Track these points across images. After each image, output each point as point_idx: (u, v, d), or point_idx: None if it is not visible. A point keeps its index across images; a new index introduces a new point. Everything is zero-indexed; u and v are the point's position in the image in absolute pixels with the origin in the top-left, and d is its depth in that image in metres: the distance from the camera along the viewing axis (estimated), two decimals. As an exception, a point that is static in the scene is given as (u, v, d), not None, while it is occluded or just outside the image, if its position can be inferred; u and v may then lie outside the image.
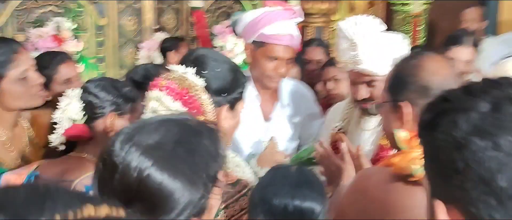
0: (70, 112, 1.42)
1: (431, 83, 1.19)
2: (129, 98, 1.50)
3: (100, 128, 1.45)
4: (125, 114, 1.48)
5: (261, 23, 1.96)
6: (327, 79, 2.57)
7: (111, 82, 1.51)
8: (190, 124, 0.88)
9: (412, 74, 1.22)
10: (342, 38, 1.71)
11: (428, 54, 1.28)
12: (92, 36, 3.29)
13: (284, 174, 1.23)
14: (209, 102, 1.26)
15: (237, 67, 1.35)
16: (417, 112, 1.19)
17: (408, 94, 1.21)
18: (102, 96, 1.45)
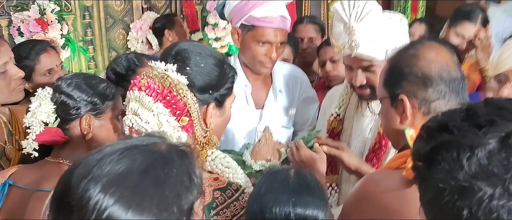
0: (41, 114, 1.31)
1: (430, 72, 1.11)
2: (106, 97, 1.38)
3: (75, 130, 1.34)
4: (102, 114, 1.37)
5: (249, 5, 1.82)
6: (324, 61, 2.45)
7: (85, 79, 1.38)
8: (158, 149, 0.77)
9: (409, 65, 1.13)
10: (338, 20, 1.59)
11: (423, 42, 1.19)
12: (78, 18, 3.14)
13: (282, 180, 1.13)
14: (194, 101, 1.15)
15: (223, 60, 1.22)
16: (417, 105, 1.12)
17: (407, 86, 1.12)
18: (76, 96, 1.34)
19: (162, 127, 1.14)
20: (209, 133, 1.20)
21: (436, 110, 1.10)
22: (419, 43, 1.18)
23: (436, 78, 1.10)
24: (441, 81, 1.10)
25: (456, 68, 1.13)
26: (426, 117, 1.10)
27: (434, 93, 1.10)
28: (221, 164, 1.29)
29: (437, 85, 1.09)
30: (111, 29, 3.29)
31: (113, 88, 1.42)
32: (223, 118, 1.25)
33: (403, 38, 1.59)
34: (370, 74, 1.62)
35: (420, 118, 1.11)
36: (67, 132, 1.34)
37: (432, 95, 1.10)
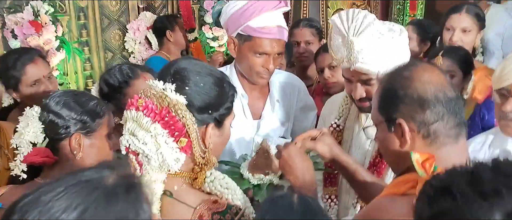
0: (29, 135, 1.28)
1: (426, 94, 1.08)
2: (97, 114, 1.35)
3: (65, 150, 1.31)
4: (93, 132, 1.34)
5: (246, 14, 1.78)
6: (322, 67, 2.41)
7: (75, 97, 1.35)
8: (103, 185, 0.73)
9: (404, 87, 1.10)
10: (336, 33, 1.55)
11: (415, 64, 1.16)
12: (73, 19, 3.09)
13: (286, 207, 1.09)
14: (192, 122, 1.12)
15: (223, 78, 1.19)
16: (416, 128, 1.09)
17: (404, 109, 1.09)
18: (65, 115, 1.30)
19: (160, 148, 1.11)
20: (208, 154, 1.17)
21: (436, 132, 1.08)
22: (411, 65, 1.15)
23: (432, 100, 1.08)
24: (438, 102, 1.08)
25: (451, 89, 1.11)
26: (426, 140, 1.08)
27: (432, 116, 1.07)
28: (220, 185, 1.26)
29: (434, 107, 1.07)
30: (107, 30, 3.24)
31: (104, 105, 1.39)
32: (222, 138, 1.22)
33: (403, 51, 1.56)
34: (370, 88, 1.59)
35: (420, 141, 1.09)
36: (57, 152, 1.31)
37: (430, 118, 1.08)
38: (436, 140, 1.08)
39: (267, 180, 1.65)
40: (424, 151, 1.07)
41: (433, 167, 1.01)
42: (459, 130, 1.10)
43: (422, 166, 1.02)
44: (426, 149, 1.08)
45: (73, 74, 3.15)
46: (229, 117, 1.20)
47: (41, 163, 1.30)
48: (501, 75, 1.57)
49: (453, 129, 1.08)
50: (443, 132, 1.08)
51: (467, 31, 2.52)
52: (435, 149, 1.08)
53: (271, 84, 1.99)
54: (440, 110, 1.07)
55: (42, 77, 1.99)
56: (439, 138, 1.08)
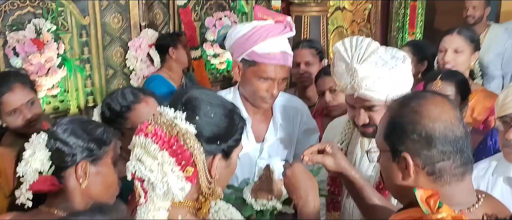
0: (35, 162, 1.26)
1: (435, 132, 1.05)
2: (103, 142, 1.34)
3: (71, 178, 1.30)
4: (99, 160, 1.33)
5: (251, 40, 1.78)
6: (323, 90, 2.42)
7: (81, 124, 1.34)
8: None
9: (412, 122, 1.08)
10: (339, 60, 1.56)
11: (426, 97, 1.12)
12: (74, 37, 3.10)
13: None
14: (200, 152, 1.12)
15: (233, 110, 1.19)
16: (421, 164, 1.07)
17: (410, 144, 1.07)
18: (72, 143, 1.29)
19: (165, 176, 1.11)
20: (213, 184, 1.17)
21: (441, 171, 1.06)
22: (422, 98, 1.12)
23: (440, 139, 1.05)
24: (446, 142, 1.05)
25: (460, 126, 1.08)
26: (430, 177, 1.07)
27: (439, 155, 1.05)
28: (225, 215, 1.26)
29: (442, 146, 1.05)
30: (109, 47, 3.24)
31: (111, 132, 1.39)
32: (229, 169, 1.21)
33: (407, 78, 1.56)
34: (373, 114, 1.60)
35: (424, 177, 1.07)
36: (62, 179, 1.30)
37: (436, 156, 1.06)
38: (441, 178, 1.06)
39: (270, 206, 1.65)
40: (428, 187, 1.05)
41: (437, 204, 1.00)
42: (465, 168, 1.08)
43: (426, 202, 1.00)
44: (430, 185, 1.06)
45: (74, 92, 3.15)
46: (237, 149, 1.20)
47: (47, 191, 1.29)
48: (503, 103, 1.57)
49: (459, 168, 1.06)
50: (448, 171, 1.06)
51: (459, 52, 2.58)
52: (439, 186, 1.06)
53: (274, 107, 1.99)
54: (448, 148, 1.05)
55: (20, 105, 1.95)
56: (445, 176, 1.06)
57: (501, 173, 1.66)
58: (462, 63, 2.57)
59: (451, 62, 2.55)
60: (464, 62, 2.58)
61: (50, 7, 2.96)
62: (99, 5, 3.14)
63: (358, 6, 4.44)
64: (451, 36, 2.61)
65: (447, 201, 1.02)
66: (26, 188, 1.25)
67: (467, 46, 2.59)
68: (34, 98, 2.04)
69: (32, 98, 2.02)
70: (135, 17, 3.30)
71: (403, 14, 4.48)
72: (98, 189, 1.33)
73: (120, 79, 3.33)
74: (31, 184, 1.25)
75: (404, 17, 4.47)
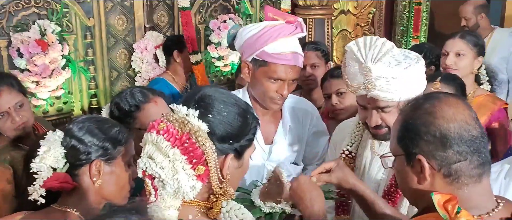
0: (50, 159, 1.25)
1: (449, 132, 1.03)
2: (119, 142, 1.33)
3: (84, 176, 1.29)
4: (113, 159, 1.32)
5: (262, 40, 1.76)
6: (330, 93, 2.39)
7: (97, 123, 1.33)
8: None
9: (426, 124, 1.05)
10: (352, 60, 1.54)
11: (439, 97, 1.10)
12: (79, 38, 3.08)
13: None
14: (212, 150, 1.09)
15: (247, 109, 1.17)
16: (437, 166, 1.04)
17: (424, 146, 1.04)
18: (87, 141, 1.28)
19: (176, 174, 1.09)
20: (225, 184, 1.14)
21: (458, 172, 1.03)
22: (435, 99, 1.09)
23: (456, 139, 1.02)
24: (461, 142, 1.02)
25: (476, 125, 1.05)
26: (447, 179, 1.04)
27: (455, 155, 1.02)
28: (236, 216, 1.24)
29: (457, 146, 1.02)
30: (113, 49, 3.22)
31: (126, 133, 1.37)
32: (240, 169, 1.19)
33: (420, 79, 1.55)
34: (385, 115, 1.58)
35: (440, 179, 1.04)
36: (76, 178, 1.29)
37: (452, 157, 1.02)
38: (458, 179, 1.03)
39: (279, 208, 1.62)
40: (444, 190, 1.02)
41: (456, 209, 0.97)
42: (483, 169, 1.05)
43: (444, 207, 0.98)
44: (447, 187, 1.03)
45: (78, 93, 3.13)
46: (249, 149, 1.18)
47: (60, 188, 1.28)
48: None
49: (476, 169, 1.03)
50: (465, 172, 1.03)
51: (462, 55, 2.58)
52: (456, 189, 1.03)
53: (284, 109, 1.97)
54: (464, 149, 1.02)
55: (8, 108, 1.94)
56: (461, 178, 1.03)
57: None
58: (464, 68, 2.56)
59: (452, 66, 2.55)
60: (466, 66, 2.58)
61: (54, 8, 2.95)
62: (104, 7, 3.12)
63: (363, 10, 4.44)
64: (453, 40, 2.62)
65: (464, 204, 1.00)
66: (40, 184, 1.23)
67: (470, 50, 2.59)
68: (23, 101, 2.02)
69: (21, 100, 2.00)
70: (140, 19, 3.28)
71: (407, 18, 4.47)
72: (111, 189, 1.32)
73: (124, 81, 3.31)
74: (45, 181, 1.23)
75: (408, 21, 4.46)
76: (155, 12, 3.37)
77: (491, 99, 2.57)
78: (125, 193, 1.35)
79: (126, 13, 3.23)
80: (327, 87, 2.42)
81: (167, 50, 3.22)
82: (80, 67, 3.10)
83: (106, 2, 3.13)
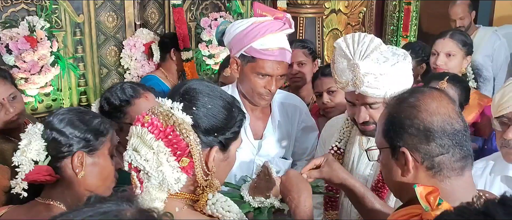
0: (31, 152, 1.25)
1: (432, 125, 1.05)
2: (100, 133, 1.32)
3: (67, 168, 1.28)
4: (96, 151, 1.31)
5: (250, 35, 1.78)
6: (321, 92, 2.41)
7: (78, 114, 1.32)
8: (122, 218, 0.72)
9: (410, 117, 1.07)
10: (341, 57, 1.55)
11: (423, 91, 1.13)
12: (68, 35, 3.06)
13: None
14: (196, 143, 1.10)
15: (233, 103, 1.18)
16: (420, 159, 1.07)
17: (408, 139, 1.07)
18: (68, 133, 1.27)
19: (160, 166, 1.10)
20: (210, 177, 1.15)
21: (440, 165, 1.05)
22: (419, 93, 1.12)
23: (438, 132, 1.05)
24: (444, 135, 1.05)
25: (459, 119, 1.08)
26: (429, 172, 1.06)
27: (438, 148, 1.05)
28: (222, 208, 1.24)
29: (440, 140, 1.04)
30: (103, 46, 3.21)
31: (108, 123, 1.37)
32: (226, 162, 1.20)
33: (407, 75, 1.56)
34: (373, 111, 1.59)
35: (423, 172, 1.07)
36: (58, 170, 1.28)
37: (435, 150, 1.05)
38: (440, 172, 1.06)
39: (268, 203, 1.63)
40: (428, 183, 1.05)
41: (437, 201, 0.99)
42: (465, 163, 1.07)
43: (426, 199, 1.00)
44: (430, 180, 1.06)
45: (67, 90, 3.11)
46: (235, 142, 1.19)
47: (43, 182, 1.27)
48: (500, 103, 1.57)
49: (459, 162, 1.06)
50: (447, 165, 1.05)
51: (452, 55, 2.63)
52: (439, 181, 1.06)
53: (273, 104, 1.98)
54: (446, 142, 1.05)
55: (2, 99, 1.96)
56: (444, 170, 1.06)
57: (499, 172, 1.66)
58: (454, 67, 2.60)
59: (443, 66, 2.59)
60: (456, 66, 2.62)
61: (44, 4, 2.93)
62: (94, 3, 3.11)
63: (353, 9, 4.46)
64: (443, 40, 2.65)
65: (447, 197, 1.02)
66: (22, 178, 1.23)
67: (459, 50, 2.63)
68: (16, 93, 2.05)
69: (14, 92, 2.03)
70: (130, 16, 3.27)
71: (397, 18, 4.50)
72: (95, 180, 1.31)
73: (114, 79, 3.29)
74: (26, 174, 1.23)
75: (398, 21, 4.49)
76: (146, 10, 3.36)
77: (477, 96, 2.60)
78: (109, 183, 1.35)
79: (117, 10, 3.22)
80: (318, 85, 2.44)
81: (164, 47, 3.21)
82: (69, 64, 3.08)
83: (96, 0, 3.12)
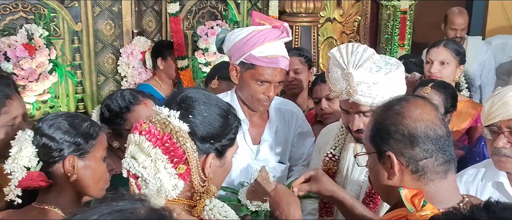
0: (23, 159, 1.27)
1: (416, 131, 1.12)
2: (90, 136, 1.34)
3: (59, 173, 1.31)
4: (86, 154, 1.34)
5: (250, 43, 1.83)
6: (319, 98, 2.44)
7: (67, 119, 1.34)
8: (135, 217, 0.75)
9: (395, 123, 1.14)
10: (335, 66, 1.59)
11: (408, 99, 1.19)
12: (66, 43, 3.09)
13: None
14: (193, 150, 1.13)
15: (229, 110, 1.21)
16: (405, 163, 1.13)
17: (394, 144, 1.13)
18: (58, 138, 1.30)
19: (158, 173, 1.12)
20: (207, 183, 1.18)
21: (425, 169, 1.12)
22: (404, 100, 1.19)
23: (422, 137, 1.11)
24: (427, 140, 1.11)
25: (442, 125, 1.14)
26: (414, 175, 1.12)
27: (421, 152, 1.11)
28: (219, 213, 1.27)
29: (423, 144, 1.11)
30: (100, 54, 3.23)
31: (97, 126, 1.40)
32: (223, 168, 1.23)
33: (400, 84, 1.60)
34: (367, 119, 1.62)
35: (409, 175, 1.13)
36: (51, 175, 1.31)
37: (419, 154, 1.11)
38: (425, 175, 1.11)
39: (265, 207, 1.66)
40: (413, 186, 1.10)
41: (422, 203, 1.04)
42: (448, 167, 1.13)
43: (411, 201, 1.05)
44: (415, 183, 1.12)
45: (65, 98, 3.13)
46: (231, 148, 1.22)
47: (37, 187, 1.29)
48: (489, 112, 1.61)
49: (442, 166, 1.12)
50: (431, 169, 1.11)
51: (445, 64, 2.67)
52: (423, 184, 1.12)
53: (270, 110, 2.03)
54: (429, 147, 1.11)
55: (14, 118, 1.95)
56: (427, 173, 1.11)
57: (490, 178, 1.70)
58: (448, 76, 2.65)
59: (437, 74, 2.63)
60: (449, 74, 2.67)
61: (42, 12, 2.96)
62: (92, 12, 3.14)
63: (348, 18, 4.51)
64: (437, 48, 2.70)
65: (431, 199, 1.08)
66: (15, 185, 1.25)
67: (453, 59, 2.68)
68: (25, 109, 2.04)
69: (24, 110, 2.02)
70: (128, 24, 3.30)
71: (392, 27, 4.55)
72: (88, 183, 1.34)
73: (111, 86, 3.32)
74: (20, 181, 1.25)
75: (393, 29, 4.54)
76: (143, 18, 3.40)
77: (471, 105, 2.65)
78: (102, 185, 1.38)
79: (114, 18, 3.25)
80: (317, 91, 2.48)
81: (153, 55, 3.25)
82: (67, 71, 3.11)
83: (94, 7, 3.15)
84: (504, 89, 1.60)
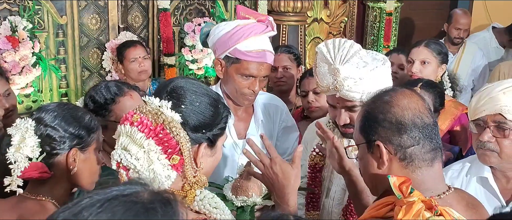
0: (26, 149, 1.24)
1: (404, 118, 1.15)
2: (92, 129, 1.34)
3: (60, 165, 1.29)
4: (87, 147, 1.33)
5: (234, 37, 1.82)
6: (307, 91, 2.46)
7: (70, 111, 1.33)
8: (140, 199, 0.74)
9: (383, 111, 1.17)
10: (322, 61, 1.60)
11: (396, 90, 1.23)
12: (51, 36, 3.04)
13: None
14: (186, 140, 1.12)
15: (218, 99, 1.21)
16: (393, 150, 1.15)
17: (382, 132, 1.16)
18: (62, 129, 1.28)
19: (152, 164, 1.11)
20: (199, 173, 1.17)
21: (412, 156, 1.15)
22: (392, 91, 1.23)
23: (410, 125, 1.14)
24: (414, 127, 1.14)
25: (428, 114, 1.18)
26: (402, 163, 1.15)
27: (409, 140, 1.14)
28: (209, 204, 1.27)
29: (411, 132, 1.14)
30: (85, 48, 3.19)
31: (96, 120, 1.39)
32: (213, 158, 1.23)
33: (386, 79, 1.61)
34: (354, 114, 1.64)
35: (397, 163, 1.16)
36: (51, 166, 1.29)
37: (407, 142, 1.14)
38: (412, 163, 1.15)
39: (251, 202, 1.66)
40: (400, 173, 1.14)
41: (409, 190, 1.07)
42: (435, 154, 1.16)
43: (399, 188, 1.08)
44: (402, 171, 1.15)
45: (48, 92, 3.08)
46: (221, 138, 1.22)
47: (38, 178, 1.27)
48: (476, 107, 1.64)
49: (429, 153, 1.15)
50: (418, 156, 1.15)
51: (426, 63, 2.72)
52: (411, 172, 1.15)
53: (256, 105, 2.03)
54: (417, 134, 1.14)
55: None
56: (415, 161, 1.15)
57: (475, 173, 1.72)
58: (429, 75, 2.69)
59: (418, 74, 2.67)
60: (430, 74, 2.71)
61: (27, 4, 2.91)
62: (77, 5, 3.10)
63: (335, 19, 4.54)
64: (418, 48, 2.75)
65: (418, 186, 1.11)
66: (17, 175, 1.22)
67: (434, 58, 2.72)
68: (10, 90, 2.05)
69: (8, 89, 2.03)
70: (114, 18, 3.27)
71: (377, 28, 4.60)
72: (84, 176, 1.33)
73: (95, 81, 3.27)
74: (22, 171, 1.22)
75: (379, 31, 4.59)
76: (130, 13, 3.36)
77: (453, 104, 2.69)
78: (95, 178, 1.38)
79: (100, 13, 3.21)
80: (305, 84, 2.49)
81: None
82: (51, 65, 3.06)
83: (80, 1, 3.11)
84: (492, 85, 1.63)
